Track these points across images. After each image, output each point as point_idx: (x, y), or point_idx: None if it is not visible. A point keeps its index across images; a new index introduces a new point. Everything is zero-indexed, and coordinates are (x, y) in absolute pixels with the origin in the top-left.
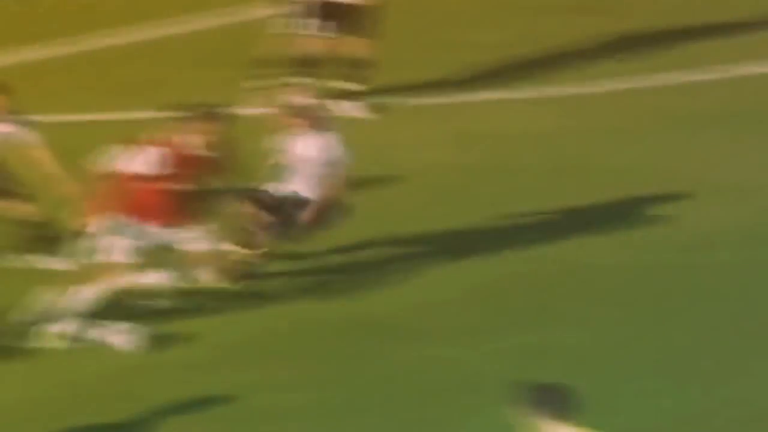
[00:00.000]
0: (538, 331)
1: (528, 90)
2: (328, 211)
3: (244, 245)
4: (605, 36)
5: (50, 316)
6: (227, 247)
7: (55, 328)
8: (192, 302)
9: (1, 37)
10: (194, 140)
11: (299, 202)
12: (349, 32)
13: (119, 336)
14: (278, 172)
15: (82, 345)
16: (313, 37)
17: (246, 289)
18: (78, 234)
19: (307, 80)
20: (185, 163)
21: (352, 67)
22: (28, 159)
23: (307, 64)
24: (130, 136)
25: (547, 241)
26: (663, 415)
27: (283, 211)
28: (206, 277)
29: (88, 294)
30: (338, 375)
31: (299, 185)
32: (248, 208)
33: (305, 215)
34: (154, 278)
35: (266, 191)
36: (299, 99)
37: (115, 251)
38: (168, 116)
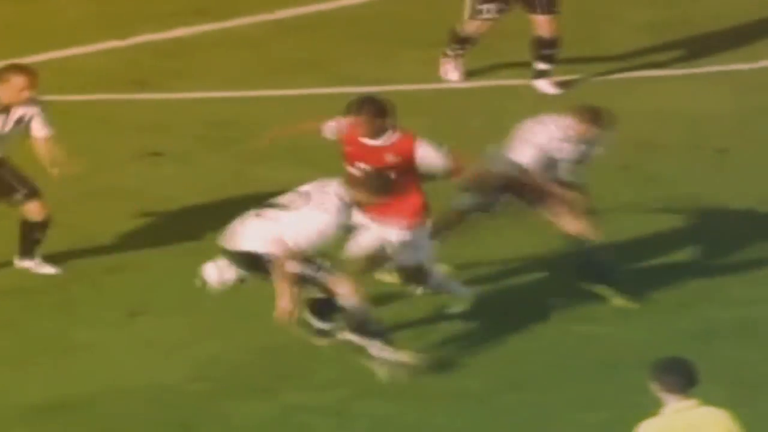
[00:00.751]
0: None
1: (687, 68)
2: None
3: None
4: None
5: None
6: None
7: None
8: None
9: (162, 12)
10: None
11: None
12: (536, 12)
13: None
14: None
15: None
16: (490, 18)
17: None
18: None
19: (460, 56)
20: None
21: (540, 45)
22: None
23: (471, 43)
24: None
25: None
26: None
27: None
28: None
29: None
30: (506, 355)
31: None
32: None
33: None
34: None
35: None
36: (452, 74)
37: None
38: (327, 93)
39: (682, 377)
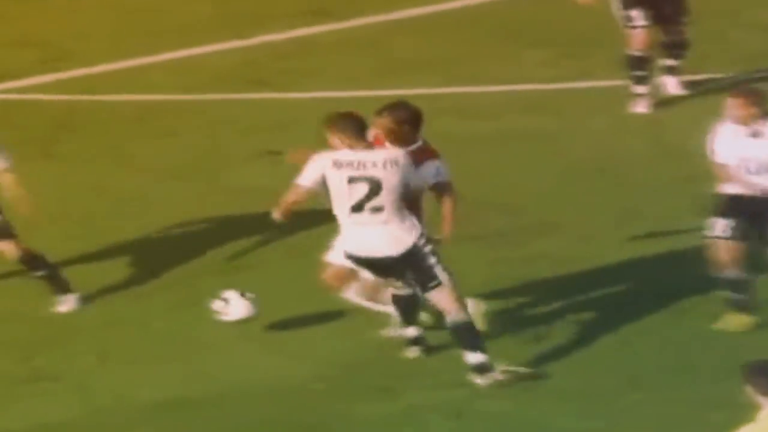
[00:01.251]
0: None
1: None
2: None
3: None
4: None
5: None
6: None
7: None
8: None
9: (282, 12)
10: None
11: None
12: (669, 18)
13: None
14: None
15: None
16: (645, 25)
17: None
18: None
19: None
20: None
21: (672, 47)
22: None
23: (650, 62)
24: None
25: None
26: None
27: None
28: None
29: None
30: (630, 353)
31: None
32: None
33: None
34: None
35: None
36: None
37: None
38: (447, 93)
39: None
